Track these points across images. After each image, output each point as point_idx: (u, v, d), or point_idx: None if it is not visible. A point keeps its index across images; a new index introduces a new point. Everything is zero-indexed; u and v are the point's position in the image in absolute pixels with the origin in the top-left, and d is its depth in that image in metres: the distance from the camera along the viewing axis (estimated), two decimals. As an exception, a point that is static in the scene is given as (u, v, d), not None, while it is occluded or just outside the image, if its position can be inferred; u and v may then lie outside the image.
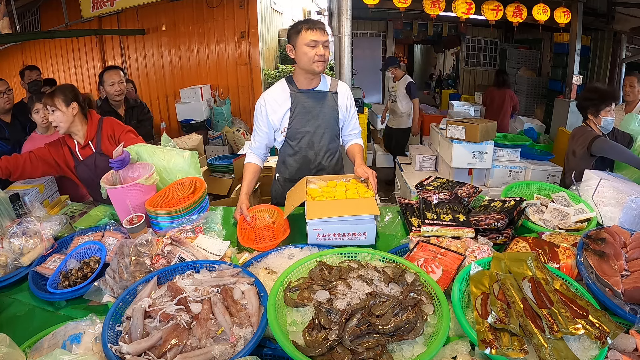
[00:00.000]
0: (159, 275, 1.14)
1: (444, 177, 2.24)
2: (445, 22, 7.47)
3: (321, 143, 1.87)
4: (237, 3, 5.84)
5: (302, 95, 1.79)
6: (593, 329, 0.90)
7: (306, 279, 1.12)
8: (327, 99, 1.83)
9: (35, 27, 6.44)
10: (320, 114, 1.82)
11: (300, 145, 1.85)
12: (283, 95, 1.81)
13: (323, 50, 1.67)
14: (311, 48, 1.66)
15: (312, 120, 1.82)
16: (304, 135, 1.83)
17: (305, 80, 1.79)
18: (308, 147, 1.86)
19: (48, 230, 1.48)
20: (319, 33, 1.66)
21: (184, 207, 1.51)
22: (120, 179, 1.72)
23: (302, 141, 1.85)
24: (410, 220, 1.57)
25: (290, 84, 1.81)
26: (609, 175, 1.72)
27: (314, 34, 1.65)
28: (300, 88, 1.80)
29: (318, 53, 1.66)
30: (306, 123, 1.81)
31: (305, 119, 1.81)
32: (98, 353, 0.93)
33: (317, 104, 1.81)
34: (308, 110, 1.80)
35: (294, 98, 1.79)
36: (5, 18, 4.43)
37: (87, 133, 1.92)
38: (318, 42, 1.65)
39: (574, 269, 1.18)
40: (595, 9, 5.06)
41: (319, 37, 1.65)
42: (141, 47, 6.43)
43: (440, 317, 0.97)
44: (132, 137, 1.96)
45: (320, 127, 1.84)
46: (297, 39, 1.68)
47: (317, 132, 1.84)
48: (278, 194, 1.98)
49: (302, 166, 1.89)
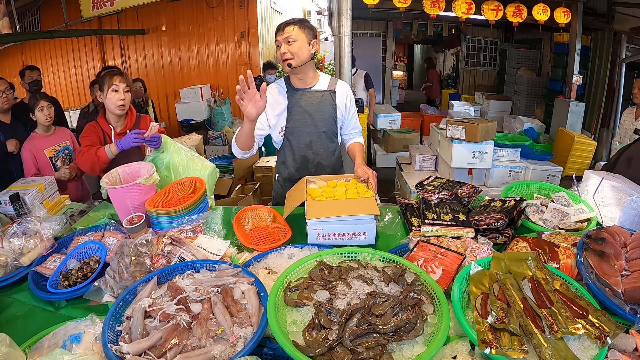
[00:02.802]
0: (159, 275, 1.14)
1: (444, 177, 2.24)
2: (445, 22, 7.47)
3: (319, 142, 1.87)
4: (237, 3, 5.85)
5: (298, 95, 1.81)
6: (593, 328, 0.90)
7: (306, 279, 1.12)
8: (325, 98, 1.84)
9: (35, 27, 6.44)
10: (317, 113, 1.83)
11: (299, 145, 1.86)
12: (281, 92, 1.84)
13: (286, 48, 1.68)
14: (278, 49, 1.71)
15: (309, 120, 1.82)
16: (302, 134, 1.84)
17: (297, 80, 1.82)
18: (307, 146, 1.86)
19: (48, 230, 1.48)
20: (281, 32, 1.69)
21: (184, 207, 1.51)
22: (120, 179, 1.72)
23: (301, 141, 1.85)
24: (410, 220, 1.57)
25: (287, 84, 1.84)
26: (609, 175, 1.72)
27: (278, 35, 1.70)
28: (296, 87, 1.82)
29: (282, 51, 1.70)
30: (304, 122, 1.82)
31: (302, 119, 1.82)
32: (98, 353, 0.93)
33: (314, 103, 1.82)
34: (305, 110, 1.81)
35: (290, 97, 1.80)
36: (5, 18, 4.43)
37: (127, 122, 2.05)
38: (281, 42, 1.69)
39: (574, 269, 1.18)
40: (595, 9, 5.06)
41: (281, 36, 1.69)
42: (141, 47, 6.43)
43: (440, 317, 0.97)
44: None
45: (318, 126, 1.84)
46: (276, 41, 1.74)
47: (315, 132, 1.85)
48: (278, 194, 1.98)
49: (301, 166, 1.89)
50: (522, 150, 3.31)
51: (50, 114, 2.38)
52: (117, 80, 1.91)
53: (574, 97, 5.06)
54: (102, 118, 2.02)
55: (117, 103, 1.93)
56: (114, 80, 1.91)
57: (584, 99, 5.56)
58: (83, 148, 1.93)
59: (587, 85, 5.70)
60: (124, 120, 2.06)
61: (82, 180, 2.65)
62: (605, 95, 5.33)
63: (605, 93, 5.32)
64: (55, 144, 2.46)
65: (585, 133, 4.81)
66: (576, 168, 4.07)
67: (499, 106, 6.52)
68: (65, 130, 2.62)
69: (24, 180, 1.95)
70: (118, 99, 1.93)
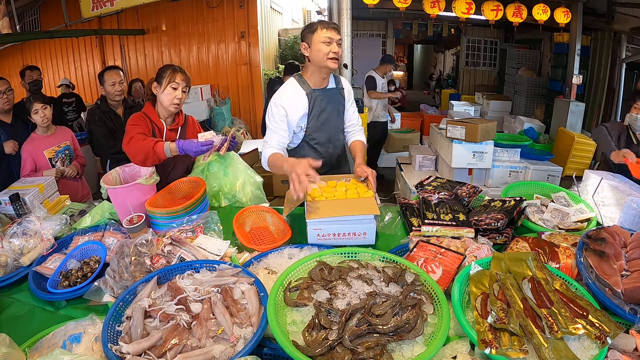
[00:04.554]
0: (159, 275, 1.14)
1: (444, 177, 2.24)
2: (445, 22, 7.48)
3: (337, 140, 1.94)
4: (237, 3, 5.84)
5: (318, 95, 1.81)
6: (593, 328, 0.90)
7: (306, 279, 1.12)
8: (338, 96, 1.89)
9: (35, 27, 6.44)
10: (333, 113, 1.87)
11: (322, 141, 1.89)
12: (298, 95, 1.80)
13: (337, 48, 1.71)
14: (326, 45, 1.69)
15: (328, 119, 1.86)
16: (323, 133, 1.87)
17: (318, 79, 1.81)
18: (328, 142, 1.90)
19: (48, 230, 1.48)
20: (333, 31, 1.70)
21: (184, 207, 1.51)
22: (120, 179, 1.72)
23: (322, 139, 1.88)
24: (410, 220, 1.57)
25: (302, 84, 1.81)
26: (609, 175, 1.72)
27: (329, 32, 1.69)
28: (314, 87, 1.81)
29: (332, 50, 1.69)
30: (324, 121, 1.85)
31: (322, 118, 1.84)
32: (98, 353, 0.93)
33: (330, 102, 1.86)
34: (324, 109, 1.84)
35: (311, 98, 1.80)
36: (5, 18, 4.43)
37: (178, 120, 2.01)
38: (333, 39, 1.69)
39: (574, 269, 1.18)
40: (595, 9, 5.06)
41: (334, 35, 1.70)
42: (141, 47, 6.43)
43: (440, 317, 0.97)
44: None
45: (336, 123, 1.90)
46: (312, 37, 1.71)
47: (334, 129, 1.90)
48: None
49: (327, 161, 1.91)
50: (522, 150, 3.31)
51: (46, 115, 2.37)
52: (179, 78, 1.86)
53: (574, 97, 5.06)
54: (152, 110, 1.94)
55: (173, 100, 1.87)
56: (176, 77, 1.85)
57: (584, 99, 5.57)
58: (136, 135, 1.77)
59: (587, 85, 5.70)
60: (175, 118, 2.00)
61: (83, 180, 2.65)
62: (605, 95, 5.33)
63: (605, 93, 5.32)
64: (55, 145, 2.46)
65: (585, 133, 4.82)
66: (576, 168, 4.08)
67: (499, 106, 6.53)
68: (66, 130, 2.62)
69: (24, 180, 1.95)
70: (175, 96, 1.87)
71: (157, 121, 1.92)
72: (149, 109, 1.93)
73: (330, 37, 1.68)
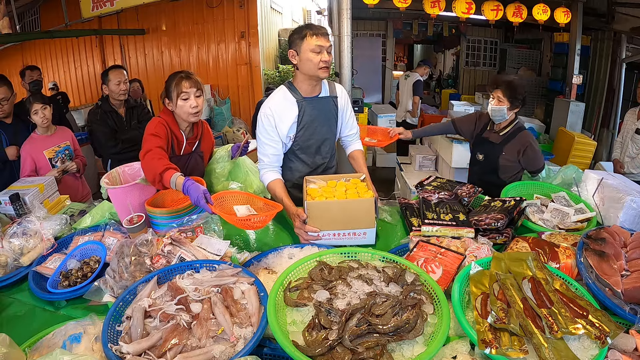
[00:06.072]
0: (159, 275, 1.14)
1: (444, 177, 2.24)
2: (445, 22, 7.47)
3: (327, 149, 1.87)
4: (237, 3, 5.84)
5: (308, 104, 1.75)
6: (593, 328, 0.90)
7: (306, 279, 1.12)
8: (330, 105, 1.82)
9: (35, 27, 6.44)
10: (325, 122, 1.81)
11: (309, 151, 1.84)
12: (287, 104, 1.74)
13: (327, 57, 1.64)
14: (316, 54, 1.61)
15: (318, 129, 1.80)
16: (312, 143, 1.82)
17: (309, 87, 1.74)
18: (315, 153, 1.85)
19: (48, 230, 1.48)
20: (323, 39, 1.62)
21: (184, 207, 1.51)
22: (120, 179, 1.72)
23: (310, 149, 1.83)
24: (410, 220, 1.57)
25: (293, 92, 1.74)
26: (609, 175, 1.72)
27: (318, 40, 1.61)
28: (305, 96, 1.74)
29: (323, 59, 1.62)
30: (313, 131, 1.79)
31: (312, 128, 1.78)
32: (98, 353, 0.93)
33: (322, 112, 1.79)
34: (314, 119, 1.77)
35: (301, 107, 1.73)
36: (5, 18, 4.42)
37: (196, 131, 1.93)
38: (323, 47, 1.61)
39: (574, 269, 1.18)
40: (595, 9, 5.06)
41: (324, 42, 1.62)
42: (141, 47, 6.43)
43: (440, 317, 0.97)
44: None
45: (326, 134, 1.84)
46: (301, 44, 1.63)
47: (323, 140, 1.84)
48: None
49: (313, 171, 1.88)
50: (522, 150, 3.29)
51: (45, 116, 2.37)
52: (187, 86, 1.72)
53: (574, 97, 5.06)
54: (173, 120, 1.82)
55: (190, 111, 1.75)
56: (182, 86, 1.72)
57: (584, 99, 5.56)
58: (154, 149, 1.63)
59: (587, 85, 5.70)
60: (194, 127, 1.91)
61: (83, 180, 2.65)
62: (605, 95, 5.33)
63: (605, 93, 5.32)
64: (55, 145, 2.45)
65: (585, 133, 4.81)
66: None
67: (499, 106, 6.50)
68: (66, 130, 2.62)
69: (24, 180, 1.95)
70: (190, 106, 1.74)
71: (177, 132, 1.83)
72: (169, 118, 1.82)
73: (320, 46, 1.60)
